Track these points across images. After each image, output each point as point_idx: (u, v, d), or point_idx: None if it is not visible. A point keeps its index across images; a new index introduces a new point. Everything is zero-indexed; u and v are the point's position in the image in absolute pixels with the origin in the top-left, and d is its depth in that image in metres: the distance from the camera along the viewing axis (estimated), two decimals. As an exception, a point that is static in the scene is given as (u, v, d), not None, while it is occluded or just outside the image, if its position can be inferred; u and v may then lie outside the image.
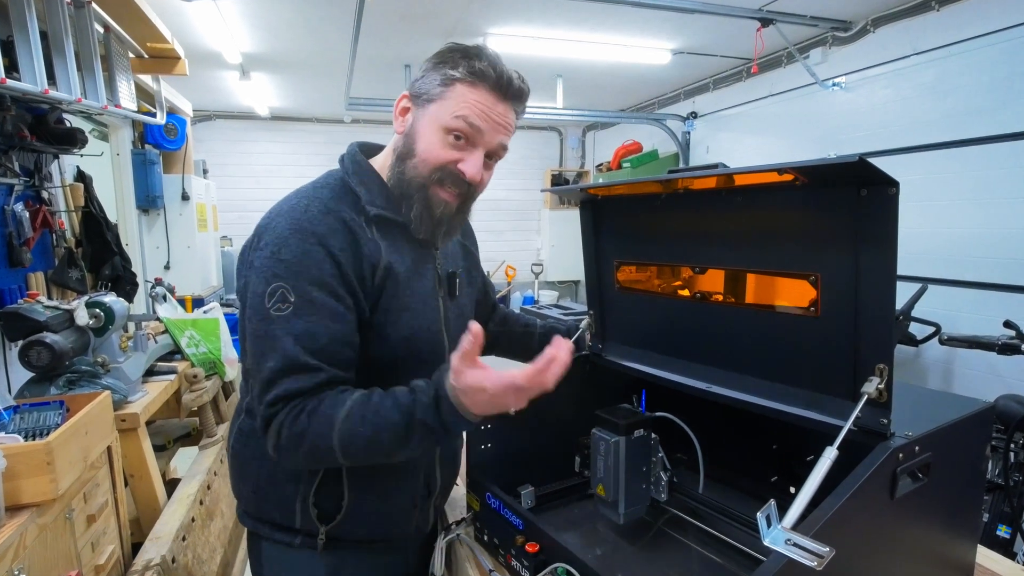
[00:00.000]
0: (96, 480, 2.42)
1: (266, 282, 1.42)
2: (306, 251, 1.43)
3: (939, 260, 5.15)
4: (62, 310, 2.82)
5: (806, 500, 1.08)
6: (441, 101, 1.53)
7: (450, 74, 1.53)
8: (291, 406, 1.38)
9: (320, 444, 1.37)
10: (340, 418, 1.37)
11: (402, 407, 1.38)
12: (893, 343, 1.36)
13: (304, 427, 1.36)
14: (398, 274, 1.56)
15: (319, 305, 1.42)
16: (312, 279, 1.42)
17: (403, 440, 1.38)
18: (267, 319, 1.40)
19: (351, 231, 1.50)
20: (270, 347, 1.40)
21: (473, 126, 1.53)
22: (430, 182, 1.56)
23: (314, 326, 1.41)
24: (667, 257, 1.83)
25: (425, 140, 1.55)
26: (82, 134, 3.92)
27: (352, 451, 1.38)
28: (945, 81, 5.11)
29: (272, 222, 1.49)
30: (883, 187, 1.21)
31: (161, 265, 6.31)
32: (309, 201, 1.50)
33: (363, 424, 1.37)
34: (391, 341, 1.56)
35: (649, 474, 1.73)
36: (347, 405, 1.38)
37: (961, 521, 1.53)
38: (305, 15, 5.57)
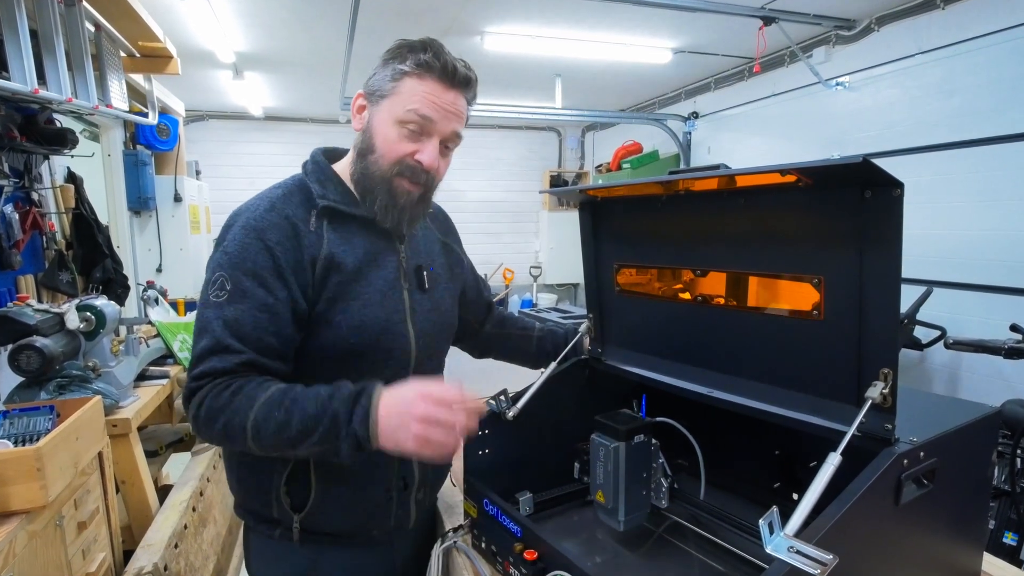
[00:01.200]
0: (87, 486, 2.42)
1: (211, 272, 1.58)
2: (245, 244, 1.57)
3: (945, 262, 5.16)
4: (52, 313, 2.81)
5: (809, 507, 1.08)
6: (393, 96, 1.63)
7: (399, 68, 1.62)
8: (216, 382, 1.49)
9: (235, 421, 1.45)
10: (261, 400, 1.46)
11: (320, 396, 1.46)
12: (898, 347, 1.36)
13: (225, 402, 1.46)
14: (342, 264, 1.64)
15: (249, 295, 1.54)
16: (246, 270, 1.55)
17: (309, 430, 1.43)
18: (206, 304, 1.55)
19: (292, 225, 1.61)
20: (204, 329, 1.54)
21: (424, 117, 1.62)
22: (391, 175, 1.66)
23: (242, 314, 1.53)
24: (668, 260, 1.83)
25: (381, 136, 1.65)
26: (73, 134, 3.92)
27: (262, 434, 1.45)
28: (951, 80, 5.12)
29: (230, 219, 1.66)
30: (887, 188, 1.21)
31: (153, 268, 6.30)
32: (260, 201, 1.65)
33: (279, 408, 1.45)
34: (341, 330, 1.63)
35: (650, 480, 1.73)
36: (270, 390, 1.48)
37: (967, 528, 1.53)
38: (299, 13, 5.57)
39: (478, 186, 11.43)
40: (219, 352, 1.51)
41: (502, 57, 6.86)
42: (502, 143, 11.55)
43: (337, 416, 1.43)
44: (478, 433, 1.58)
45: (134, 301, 5.39)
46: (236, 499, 1.81)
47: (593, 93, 9.01)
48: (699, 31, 6.20)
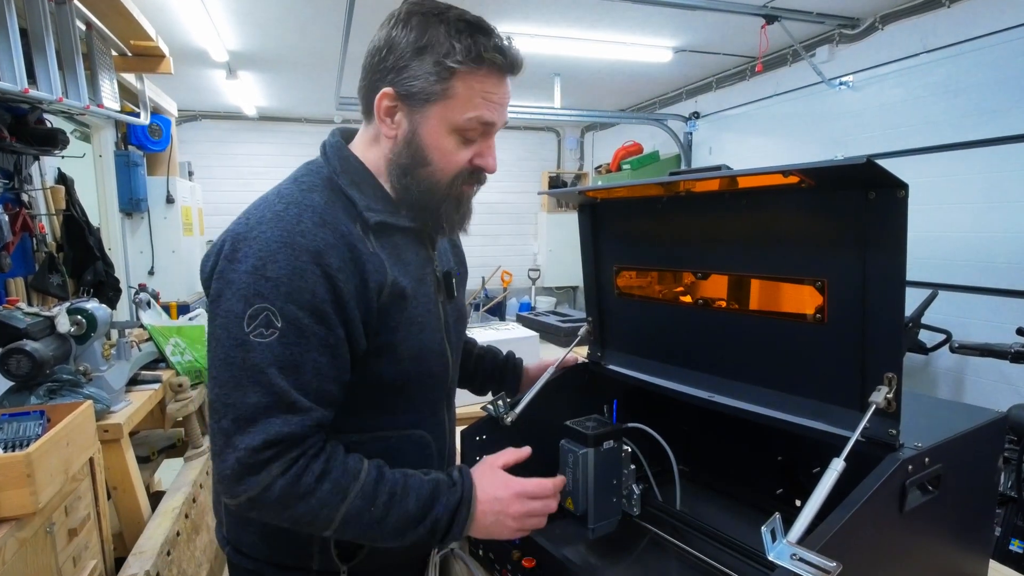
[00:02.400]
0: (78, 493, 2.42)
1: (246, 302, 1.27)
2: (298, 269, 1.28)
3: (950, 265, 5.16)
4: (43, 317, 2.81)
5: (812, 513, 1.08)
6: (445, 101, 1.39)
7: (447, 65, 1.35)
8: (289, 458, 1.26)
9: (321, 515, 1.29)
10: (354, 492, 1.30)
11: (422, 495, 1.36)
12: (902, 351, 1.36)
13: (309, 488, 1.27)
14: (404, 288, 1.44)
15: (309, 334, 1.29)
16: (302, 303, 1.28)
17: (406, 531, 1.35)
18: (245, 345, 1.26)
19: (351, 246, 1.35)
20: (250, 378, 1.26)
21: (488, 123, 1.44)
22: (453, 189, 1.48)
23: (301, 358, 1.28)
24: (668, 262, 1.83)
25: (438, 149, 1.43)
26: (63, 135, 3.91)
27: (349, 529, 1.32)
28: (956, 80, 5.12)
29: (254, 231, 1.32)
30: (892, 190, 1.21)
31: (145, 270, 6.30)
32: (300, 209, 1.34)
33: (375, 503, 1.31)
34: (403, 361, 1.46)
35: (620, 487, 1.72)
36: (361, 478, 1.32)
37: (972, 535, 1.54)
38: (294, 11, 5.58)
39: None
40: (282, 411, 1.25)
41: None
42: (500, 143, 10.95)
43: (438, 523, 1.36)
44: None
45: (126, 304, 5.39)
46: (249, 552, 1.55)
47: (592, 93, 9.01)
48: (700, 30, 6.21)
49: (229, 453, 1.25)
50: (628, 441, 1.74)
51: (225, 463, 1.26)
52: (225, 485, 1.27)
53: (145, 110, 5.62)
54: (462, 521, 1.38)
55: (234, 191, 9.82)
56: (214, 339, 1.31)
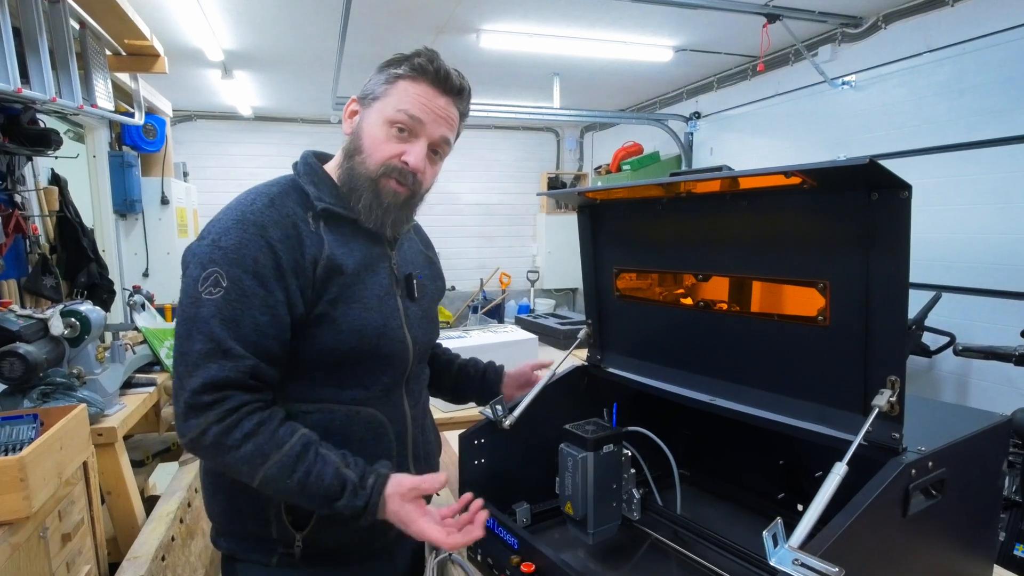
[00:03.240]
0: (71, 497, 2.42)
1: (202, 267, 1.49)
2: (245, 240, 1.50)
3: (954, 267, 5.16)
4: (36, 319, 2.81)
5: (814, 518, 1.08)
6: (385, 98, 1.65)
7: (393, 72, 1.65)
8: (225, 408, 1.44)
9: (243, 470, 1.47)
10: (273, 458, 1.46)
11: (331, 492, 1.49)
12: (905, 354, 1.36)
13: (235, 444, 1.44)
14: (343, 266, 1.62)
15: (250, 294, 1.49)
16: (246, 268, 1.49)
17: (320, 510, 1.52)
18: (197, 301, 1.47)
19: (293, 224, 1.58)
20: (197, 329, 1.46)
21: (414, 118, 1.64)
22: (378, 175, 1.66)
23: (241, 314, 1.47)
24: (669, 264, 1.83)
25: (370, 136, 1.66)
26: (57, 135, 3.92)
27: (270, 488, 1.49)
28: (960, 80, 5.12)
29: (218, 216, 1.58)
30: (895, 191, 1.21)
31: (139, 272, 6.29)
32: (256, 196, 1.61)
33: (291, 479, 1.46)
34: (343, 332, 1.60)
35: (620, 491, 1.72)
36: (283, 450, 1.47)
37: (976, 540, 1.54)
38: (290, 10, 5.57)
39: (473, 188, 11.43)
40: (219, 357, 1.45)
41: (498, 55, 6.86)
42: (498, 144, 11.56)
43: (341, 516, 1.50)
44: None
45: (120, 306, 5.39)
46: (220, 527, 1.73)
47: (592, 93, 9.01)
48: (701, 28, 6.21)
49: (178, 396, 1.47)
50: (628, 445, 1.75)
51: (177, 406, 1.47)
52: (177, 426, 1.47)
53: (139, 110, 5.63)
54: (368, 519, 1.51)
55: (229, 192, 9.50)
56: (179, 303, 1.54)
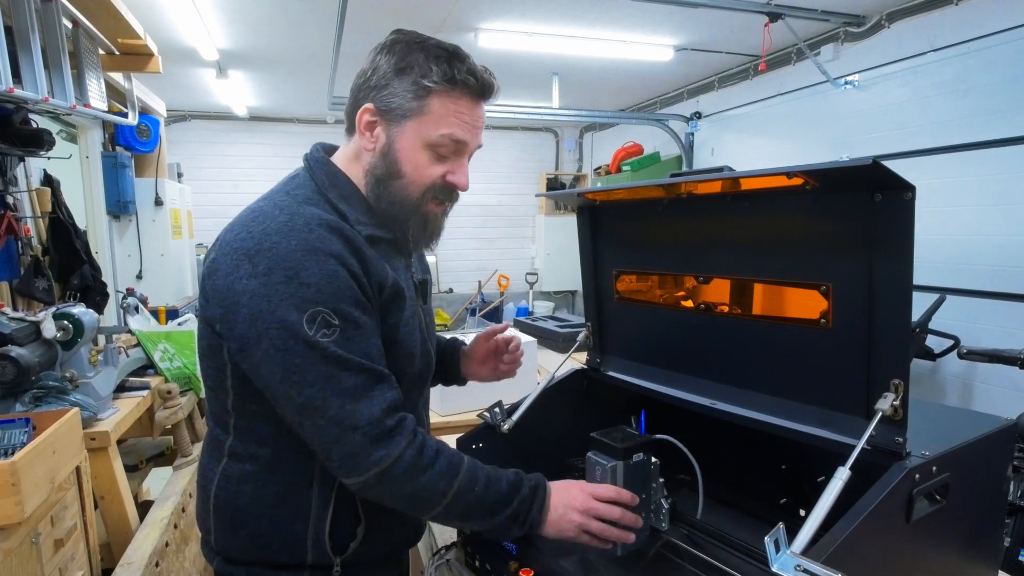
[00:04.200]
0: (64, 502, 2.41)
1: (299, 309, 1.36)
2: (330, 271, 1.39)
3: (958, 269, 5.16)
4: (28, 322, 2.81)
5: (817, 523, 1.08)
6: (420, 117, 1.50)
7: (423, 84, 1.48)
8: (410, 429, 1.42)
9: (438, 486, 1.43)
10: (464, 468, 1.46)
11: (509, 478, 1.52)
12: (909, 357, 1.36)
13: (430, 461, 1.42)
14: (403, 289, 1.56)
15: (363, 324, 1.43)
16: (347, 300, 1.40)
17: (499, 509, 1.49)
18: (317, 346, 1.36)
19: (358, 250, 1.47)
20: (338, 368, 1.37)
21: (460, 141, 1.54)
22: (423, 203, 1.58)
23: (366, 345, 1.42)
24: (669, 266, 1.83)
25: (411, 162, 1.54)
26: (49, 135, 3.90)
27: (457, 503, 1.45)
28: (965, 79, 5.13)
29: (265, 243, 1.40)
30: (898, 192, 1.22)
31: (133, 274, 6.28)
32: (307, 220, 1.44)
33: (477, 483, 1.47)
34: (398, 358, 1.56)
35: (649, 502, 1.71)
36: (465, 459, 1.49)
37: (981, 545, 1.54)
38: (286, 9, 5.58)
39: (471, 189, 11.07)
40: (381, 382, 1.42)
41: (497, 55, 6.85)
42: (497, 144, 11.54)
43: (524, 502, 1.51)
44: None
45: (113, 309, 5.39)
46: (238, 557, 1.59)
47: (591, 92, 9.02)
48: (702, 27, 6.21)
49: (350, 434, 1.37)
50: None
51: (349, 444, 1.37)
52: (352, 464, 1.38)
53: (133, 110, 5.61)
54: (540, 504, 1.52)
55: (224, 193, 9.82)
56: (279, 352, 1.37)
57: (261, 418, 1.50)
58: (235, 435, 1.54)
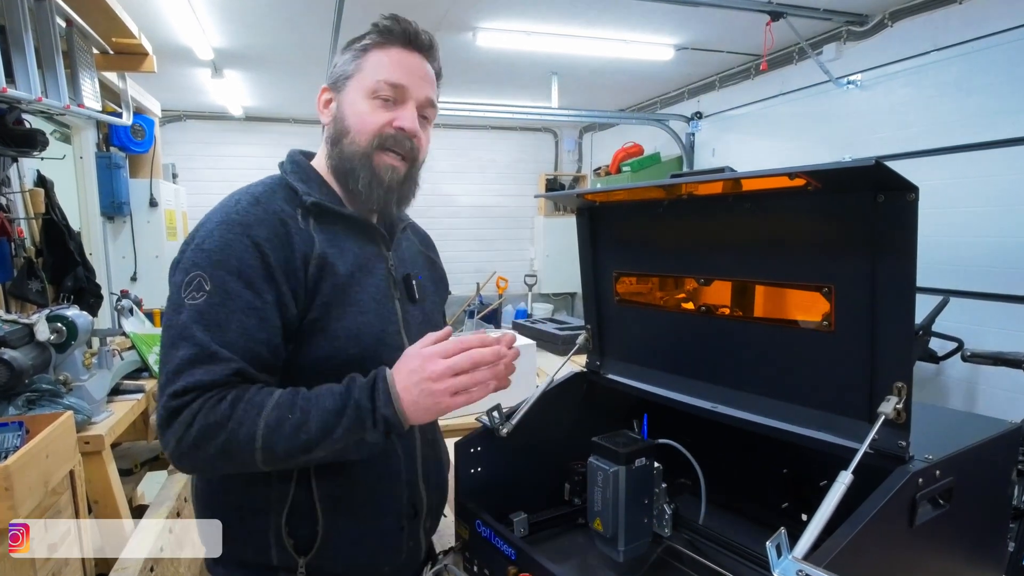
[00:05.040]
0: (58, 507, 2.41)
1: (185, 272, 1.45)
2: (228, 240, 1.46)
3: (962, 270, 5.16)
4: (21, 324, 2.81)
5: (819, 528, 1.08)
6: (359, 74, 1.64)
7: (360, 45, 1.66)
8: (207, 396, 1.37)
9: (240, 433, 1.35)
10: (269, 404, 1.38)
11: (335, 391, 1.42)
12: (912, 360, 1.36)
13: (224, 415, 1.35)
14: (335, 266, 1.56)
15: (234, 296, 1.43)
16: (230, 269, 1.44)
17: (331, 426, 1.38)
18: (179, 308, 1.43)
19: (281, 221, 1.53)
20: (180, 336, 1.40)
21: (396, 84, 1.62)
22: (372, 149, 1.63)
23: (227, 318, 1.42)
24: (670, 268, 1.83)
25: (354, 114, 1.63)
26: (42, 136, 3.91)
27: (276, 440, 1.36)
28: (968, 79, 5.13)
29: (203, 220, 1.55)
30: (901, 193, 1.22)
31: (127, 276, 6.29)
32: (240, 195, 1.58)
33: (292, 409, 1.38)
34: (338, 338, 1.54)
35: (651, 507, 1.71)
36: (275, 394, 1.40)
37: (985, 551, 1.54)
38: (282, 8, 5.59)
39: (470, 190, 11.44)
40: (204, 362, 1.37)
41: (496, 54, 6.87)
42: (495, 145, 11.57)
43: (360, 405, 1.40)
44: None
45: (107, 311, 5.37)
46: (221, 556, 1.62)
47: (591, 92, 9.01)
48: (703, 26, 6.22)
49: (160, 405, 1.39)
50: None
51: (158, 415, 1.40)
52: (160, 436, 1.40)
53: (127, 110, 5.62)
54: (383, 398, 1.41)
55: (220, 194, 9.39)
56: (164, 313, 1.50)
57: None
58: None
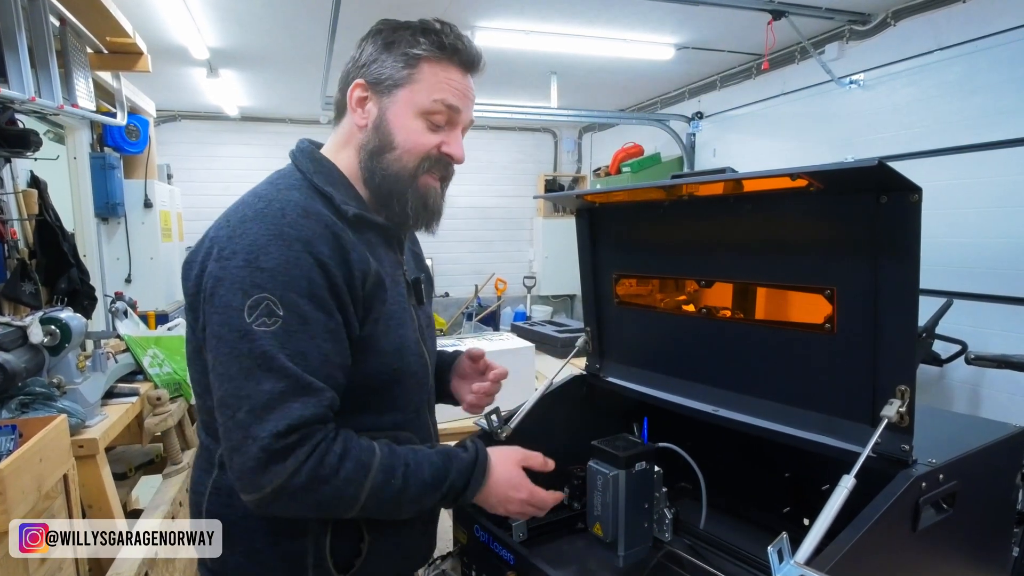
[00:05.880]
0: (51, 511, 2.41)
1: (244, 294, 1.32)
2: (291, 258, 1.34)
3: (966, 272, 5.16)
4: (14, 327, 2.80)
5: (821, 533, 1.08)
6: (411, 85, 1.53)
7: (413, 53, 1.52)
8: (313, 442, 1.31)
9: (347, 492, 1.35)
10: (375, 467, 1.38)
11: (434, 462, 1.46)
12: (915, 363, 1.36)
13: (333, 468, 1.32)
14: (384, 280, 1.52)
15: (311, 320, 1.35)
16: (301, 291, 1.34)
17: (426, 498, 1.45)
18: (249, 335, 1.31)
19: (336, 235, 1.42)
20: (261, 366, 1.30)
21: (453, 107, 1.55)
22: (419, 172, 1.56)
23: (307, 344, 1.34)
24: (670, 269, 1.83)
25: (404, 129, 1.54)
26: (36, 136, 3.90)
27: (375, 503, 1.39)
28: (972, 79, 5.13)
29: (238, 230, 1.38)
30: (904, 193, 1.22)
31: (122, 278, 6.30)
32: (283, 204, 1.42)
33: (394, 475, 1.40)
34: (386, 354, 1.52)
35: (652, 511, 1.71)
36: (378, 454, 1.40)
37: (989, 555, 1.54)
38: (278, 6, 5.58)
39: (468, 191, 11.40)
40: (298, 394, 1.31)
41: (494, 53, 6.83)
42: (494, 145, 11.55)
43: (454, 486, 1.47)
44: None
45: (101, 313, 5.36)
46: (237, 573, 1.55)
47: (591, 92, 9.01)
48: (704, 26, 6.22)
49: (249, 445, 1.28)
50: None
51: (246, 455, 1.29)
52: (248, 479, 1.30)
53: (122, 110, 5.61)
54: (476, 485, 1.49)
55: (215, 195, 9.76)
56: (215, 338, 1.35)
57: None
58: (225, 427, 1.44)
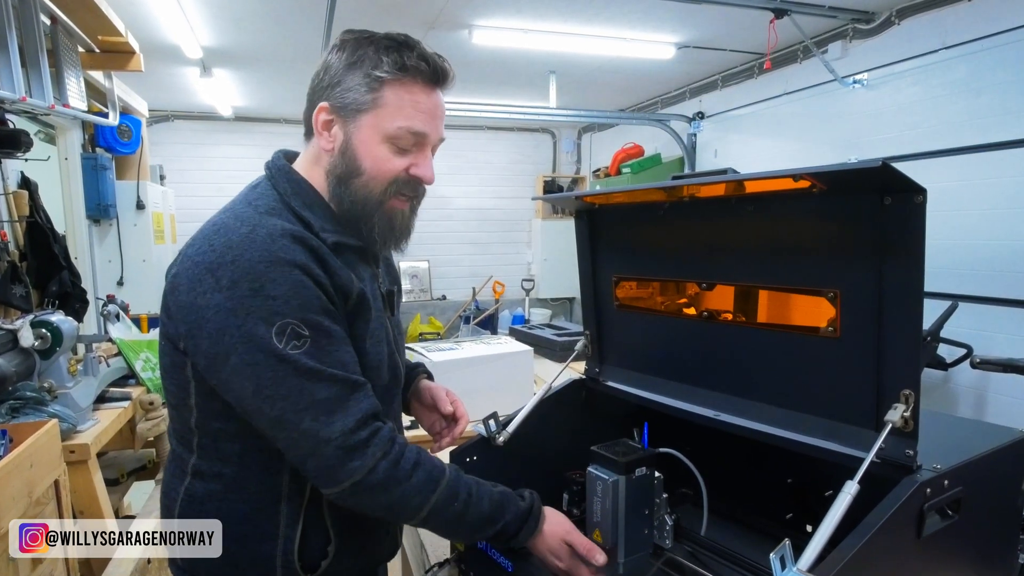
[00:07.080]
0: (42, 517, 2.40)
1: (267, 323, 1.36)
2: (296, 281, 1.40)
3: (971, 275, 5.16)
4: (4, 330, 2.80)
5: (824, 539, 1.08)
6: (375, 110, 1.52)
7: (375, 76, 1.50)
8: (385, 439, 1.43)
9: (413, 501, 1.45)
10: (442, 484, 1.47)
11: (494, 498, 1.54)
12: (920, 367, 1.36)
13: (406, 474, 1.44)
14: (369, 300, 1.57)
15: (333, 333, 1.44)
16: (315, 309, 1.41)
17: (479, 529, 1.54)
18: (287, 359, 1.37)
19: (323, 260, 1.48)
20: (310, 379, 1.38)
21: (418, 133, 1.55)
22: (386, 197, 1.58)
23: (339, 353, 1.44)
24: (671, 272, 1.83)
25: (370, 156, 1.54)
26: (27, 136, 3.90)
27: (434, 519, 1.49)
28: (977, 78, 5.13)
29: (227, 256, 1.40)
30: (909, 195, 1.22)
31: (114, 281, 6.29)
32: (269, 231, 1.44)
33: (457, 499, 1.48)
34: (369, 369, 1.56)
35: (652, 518, 1.72)
36: (447, 473, 1.50)
37: (994, 563, 1.54)
38: (272, 5, 5.58)
39: (466, 192, 11.42)
40: (353, 390, 1.43)
41: (492, 52, 6.87)
42: (492, 145, 11.56)
43: (507, 527, 1.53)
44: None
45: (93, 317, 5.37)
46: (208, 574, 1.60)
47: (590, 92, 9.01)
48: (705, 24, 6.22)
49: (323, 447, 1.38)
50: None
51: (322, 457, 1.39)
52: (327, 475, 1.41)
53: (114, 110, 5.62)
54: (529, 532, 1.56)
55: (208, 196, 9.68)
56: (248, 366, 1.38)
57: (225, 436, 1.51)
58: (199, 454, 1.54)
